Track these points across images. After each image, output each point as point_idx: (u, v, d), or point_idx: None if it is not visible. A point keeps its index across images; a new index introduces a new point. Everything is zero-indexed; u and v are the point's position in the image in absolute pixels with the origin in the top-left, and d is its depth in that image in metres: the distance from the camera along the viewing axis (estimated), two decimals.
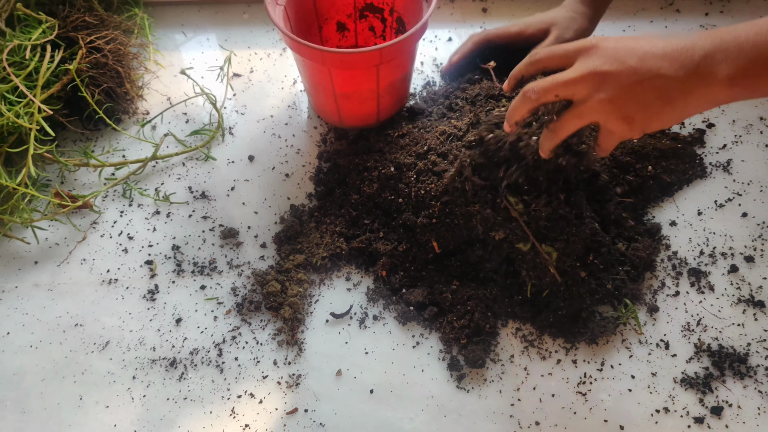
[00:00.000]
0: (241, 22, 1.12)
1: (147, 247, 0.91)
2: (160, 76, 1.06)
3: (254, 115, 1.02)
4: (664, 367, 0.82)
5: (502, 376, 0.82)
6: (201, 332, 0.85)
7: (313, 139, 1.00)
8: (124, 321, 0.86)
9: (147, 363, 0.83)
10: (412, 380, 0.82)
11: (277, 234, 0.91)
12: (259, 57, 1.08)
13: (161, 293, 0.88)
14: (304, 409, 0.80)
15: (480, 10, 1.13)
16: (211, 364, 0.83)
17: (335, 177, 0.94)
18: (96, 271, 0.90)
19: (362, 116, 0.96)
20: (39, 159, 0.95)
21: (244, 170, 0.97)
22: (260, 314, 0.86)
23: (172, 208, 0.94)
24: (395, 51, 0.84)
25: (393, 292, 0.87)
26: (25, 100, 0.88)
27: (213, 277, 0.89)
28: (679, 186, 0.94)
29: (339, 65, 0.85)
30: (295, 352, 0.84)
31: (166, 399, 0.81)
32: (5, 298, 0.88)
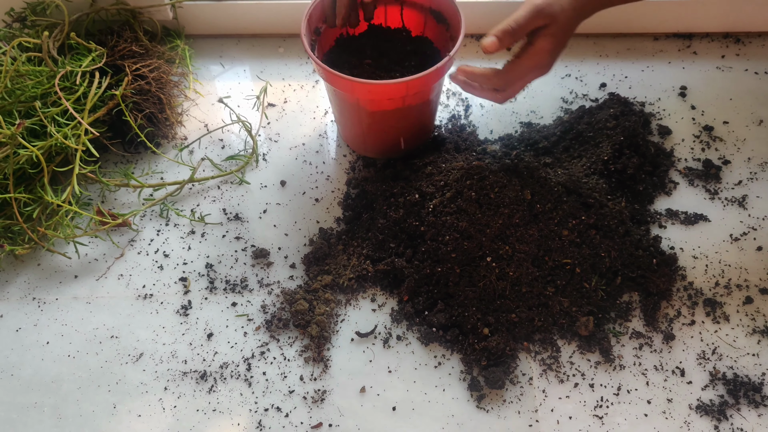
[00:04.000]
0: (277, 55, 1.18)
1: (182, 264, 0.95)
2: (199, 103, 1.12)
3: (287, 143, 1.07)
4: (680, 393, 0.84)
5: (520, 398, 0.84)
6: (231, 347, 0.89)
7: (342, 166, 1.04)
8: (158, 334, 0.90)
9: (178, 375, 0.87)
10: (434, 399, 0.84)
11: (306, 255, 0.95)
12: (292, 89, 1.14)
13: (194, 309, 0.92)
14: (328, 424, 0.83)
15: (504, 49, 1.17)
16: (240, 378, 0.86)
17: (363, 202, 0.99)
18: (132, 286, 0.94)
19: (389, 145, 1.01)
20: (83, 178, 1.00)
21: (275, 194, 1.02)
22: (288, 331, 0.90)
23: (206, 228, 0.99)
24: (421, 83, 0.89)
25: (416, 314, 0.90)
26: (73, 123, 0.94)
27: (244, 294, 0.93)
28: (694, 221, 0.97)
29: (367, 95, 0.90)
30: (321, 369, 0.87)
31: (195, 410, 0.84)
32: (46, 310, 0.92)
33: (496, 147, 1.04)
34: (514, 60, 0.83)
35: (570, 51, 1.16)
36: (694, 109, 1.09)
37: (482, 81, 0.84)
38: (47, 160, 0.95)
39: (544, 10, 0.80)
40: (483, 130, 1.07)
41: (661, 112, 1.08)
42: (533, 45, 0.82)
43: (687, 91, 1.11)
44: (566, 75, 1.13)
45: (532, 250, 0.89)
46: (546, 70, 0.84)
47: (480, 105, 1.10)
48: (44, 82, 0.97)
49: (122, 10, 1.09)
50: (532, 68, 0.83)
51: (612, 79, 1.12)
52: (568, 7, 0.80)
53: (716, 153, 1.04)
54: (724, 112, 1.08)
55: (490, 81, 0.84)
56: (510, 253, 0.88)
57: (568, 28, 0.82)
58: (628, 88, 1.11)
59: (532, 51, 0.82)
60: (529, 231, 0.89)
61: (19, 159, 0.91)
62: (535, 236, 0.89)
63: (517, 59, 0.83)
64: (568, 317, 0.89)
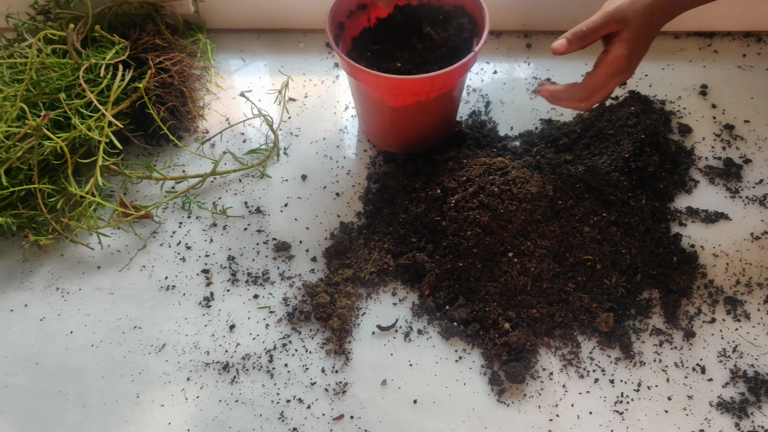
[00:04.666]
0: (297, 50, 1.19)
1: (204, 256, 0.96)
2: (220, 97, 1.13)
3: (307, 138, 1.08)
4: (701, 390, 0.84)
5: (541, 392, 0.85)
6: (253, 339, 0.89)
7: (362, 161, 1.05)
8: (180, 325, 0.91)
9: (201, 366, 0.87)
10: (454, 393, 0.85)
11: (327, 249, 0.96)
12: (313, 83, 1.14)
13: (216, 300, 0.92)
14: (350, 416, 0.83)
15: (524, 46, 1.18)
16: (262, 369, 0.87)
17: (383, 197, 0.99)
18: (155, 277, 0.95)
19: (410, 141, 1.01)
20: (105, 170, 1.01)
21: (296, 188, 1.02)
22: (310, 324, 0.90)
23: (228, 221, 0.99)
24: (446, 79, 0.90)
25: (437, 308, 0.90)
26: (96, 115, 0.94)
27: (266, 287, 0.93)
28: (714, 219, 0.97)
29: (391, 90, 0.91)
30: (342, 361, 0.87)
31: (218, 401, 0.85)
32: (70, 300, 0.93)
33: (517, 143, 1.04)
34: (593, 70, 0.84)
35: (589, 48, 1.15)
36: (714, 107, 1.09)
37: (565, 96, 0.85)
38: (71, 151, 0.95)
39: (615, 16, 0.81)
40: (503, 127, 1.08)
41: (681, 110, 1.08)
42: (609, 52, 0.82)
43: (707, 89, 1.11)
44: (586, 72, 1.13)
45: (554, 246, 0.89)
46: (626, 75, 0.84)
47: (500, 101, 1.11)
48: (68, 75, 0.97)
49: (144, 3, 1.10)
50: (612, 75, 0.83)
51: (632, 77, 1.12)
52: (642, 12, 0.81)
53: (737, 152, 1.04)
54: (745, 111, 1.08)
55: (573, 95, 0.85)
56: (531, 249, 0.89)
57: (643, 32, 0.82)
58: (648, 87, 1.11)
59: (609, 58, 0.82)
60: (551, 227, 0.89)
61: (44, 150, 0.92)
62: (556, 232, 0.89)
63: (595, 69, 0.84)
64: (588, 313, 0.89)
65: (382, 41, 1.01)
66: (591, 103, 0.86)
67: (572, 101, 0.86)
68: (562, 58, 1.15)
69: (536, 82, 1.12)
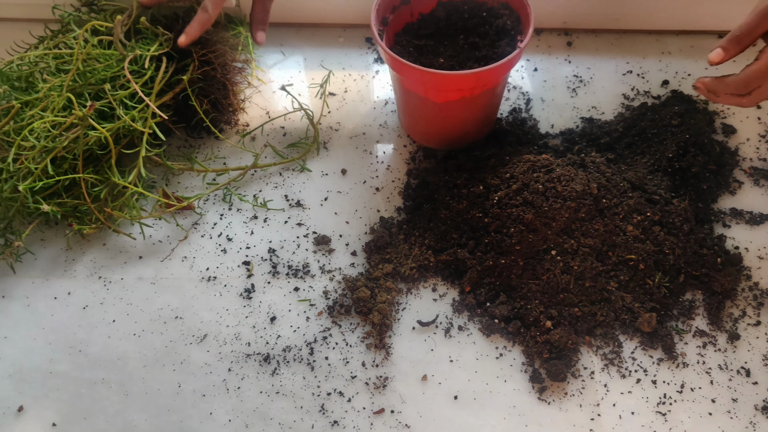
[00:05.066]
0: (337, 45, 1.19)
1: (245, 248, 0.97)
2: (261, 91, 1.13)
3: (347, 132, 1.08)
4: (745, 393, 0.83)
5: (582, 391, 0.84)
6: (294, 331, 0.90)
7: (402, 156, 1.05)
8: (222, 316, 0.91)
9: (242, 357, 0.88)
10: (495, 389, 0.85)
11: (367, 243, 0.96)
12: (353, 78, 1.14)
13: (257, 292, 0.93)
14: (390, 410, 0.84)
15: (565, 44, 1.17)
16: (303, 362, 0.87)
17: (424, 193, 0.99)
18: (196, 268, 0.95)
19: (452, 137, 1.01)
20: (148, 161, 1.01)
21: (336, 182, 1.03)
22: (350, 317, 0.90)
23: (268, 214, 1.00)
24: (491, 75, 0.89)
25: (478, 305, 0.90)
26: (140, 106, 0.95)
27: (306, 280, 0.94)
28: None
29: (435, 85, 0.91)
30: (382, 356, 0.87)
31: (259, 392, 0.85)
32: (112, 289, 0.94)
33: (557, 141, 1.04)
34: (752, 63, 0.81)
35: (631, 48, 1.15)
36: (759, 107, 1.08)
37: (722, 89, 0.83)
38: (115, 142, 0.95)
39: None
40: (544, 125, 1.07)
41: (725, 110, 1.07)
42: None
43: None
44: (627, 71, 1.13)
45: (597, 244, 0.89)
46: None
47: (540, 99, 1.10)
48: (113, 66, 0.98)
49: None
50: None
51: (675, 76, 1.11)
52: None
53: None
54: None
55: (730, 88, 0.82)
56: (575, 247, 0.88)
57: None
58: (691, 86, 1.10)
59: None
60: (594, 225, 0.89)
61: (89, 140, 0.93)
62: (600, 231, 0.89)
63: (756, 61, 0.81)
64: (630, 313, 0.88)
65: (424, 37, 1.01)
66: (754, 100, 0.82)
67: (730, 96, 0.83)
68: (603, 57, 1.14)
69: (577, 80, 1.12)
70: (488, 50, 0.98)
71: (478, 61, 0.97)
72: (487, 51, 0.98)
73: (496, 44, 0.98)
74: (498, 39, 0.99)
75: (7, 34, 1.09)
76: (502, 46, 0.97)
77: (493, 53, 0.97)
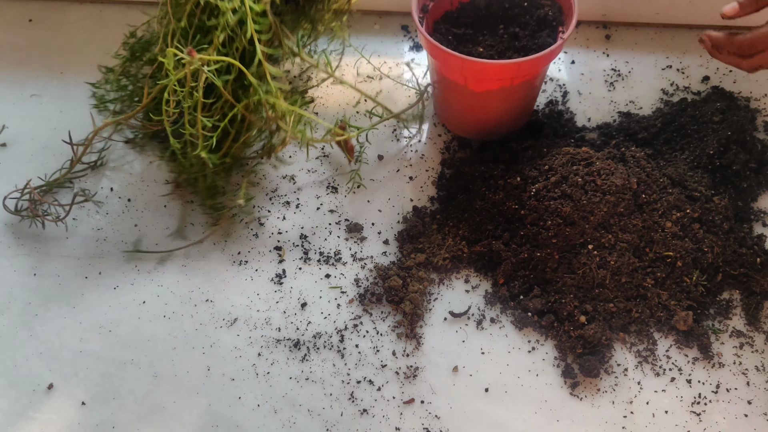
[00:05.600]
0: (372, 32, 1.18)
1: (276, 234, 0.96)
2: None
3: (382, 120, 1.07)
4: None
5: (615, 388, 0.83)
6: (324, 318, 0.89)
7: (436, 146, 1.04)
8: (252, 301, 0.91)
9: (272, 342, 0.87)
10: (527, 383, 0.84)
11: (399, 232, 0.95)
12: (388, 66, 1.13)
13: (288, 278, 0.92)
14: (420, 401, 0.83)
15: (603, 37, 1.15)
16: (333, 349, 0.87)
17: (458, 183, 0.98)
18: (227, 252, 0.95)
19: (489, 127, 1.00)
20: None
21: (369, 170, 1.02)
22: (381, 306, 0.90)
23: (301, 199, 0.99)
24: (532, 66, 0.88)
25: (511, 298, 0.89)
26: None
27: (337, 267, 0.93)
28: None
29: (476, 74, 0.90)
30: (413, 346, 0.87)
31: (288, 378, 0.85)
32: (142, 270, 0.94)
33: (594, 135, 1.02)
34: (763, 25, 0.79)
35: (671, 42, 1.13)
36: None
37: (727, 46, 0.82)
38: None
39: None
40: (580, 118, 1.06)
41: (767, 108, 1.05)
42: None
43: None
44: (667, 66, 1.11)
45: (634, 240, 0.87)
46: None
47: (578, 92, 1.08)
48: None
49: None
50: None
51: (716, 72, 1.09)
52: None
53: None
54: None
55: (734, 46, 0.82)
56: (612, 242, 0.87)
57: None
58: (732, 83, 1.08)
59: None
60: (633, 220, 0.87)
61: None
62: (638, 226, 0.87)
63: (766, 24, 0.79)
64: (666, 311, 0.87)
65: (464, 25, 1.00)
66: (755, 64, 0.81)
67: (732, 55, 0.82)
68: (642, 51, 1.12)
69: (615, 74, 1.10)
70: (528, 41, 0.96)
71: (518, 51, 0.95)
72: (527, 41, 0.96)
73: (536, 35, 0.97)
74: (539, 30, 0.97)
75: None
76: (542, 37, 0.96)
77: (533, 44, 0.96)
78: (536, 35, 0.97)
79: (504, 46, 0.97)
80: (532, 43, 0.96)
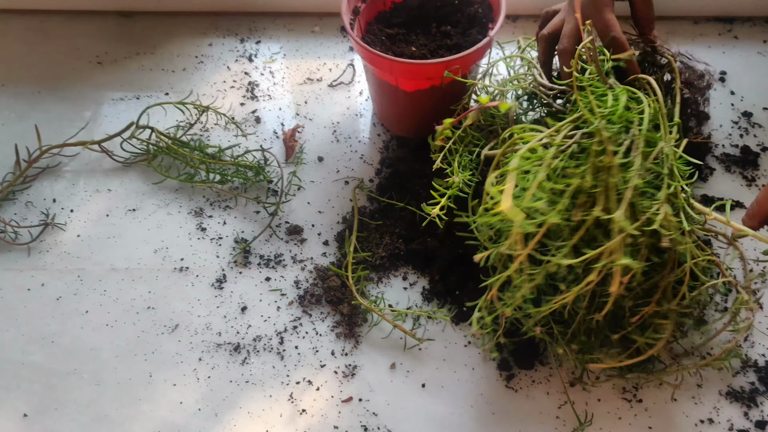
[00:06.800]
0: (312, 35, 1.19)
1: (217, 239, 0.97)
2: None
3: (322, 122, 1.08)
4: (710, 379, 0.84)
5: (550, 379, 0.85)
6: (264, 321, 0.90)
7: (376, 146, 1.05)
8: (193, 306, 0.92)
9: (213, 347, 0.88)
10: (463, 378, 0.85)
11: (339, 233, 0.96)
12: (328, 67, 1.14)
13: (228, 283, 0.93)
14: (358, 398, 0.84)
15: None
16: (273, 351, 0.88)
17: (396, 182, 0.99)
18: (169, 258, 0.96)
19: (424, 125, 1.00)
20: None
21: (310, 172, 1.03)
22: (321, 307, 0.91)
23: (241, 203, 1.00)
24: (461, 63, 0.89)
25: (447, 293, 0.91)
26: None
27: (277, 270, 0.94)
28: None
29: (405, 74, 0.91)
30: (352, 344, 0.88)
31: (229, 381, 0.86)
32: (86, 279, 0.94)
33: None
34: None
35: None
36: (733, 94, 1.07)
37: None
38: None
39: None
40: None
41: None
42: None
43: (726, 76, 1.10)
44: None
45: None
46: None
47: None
48: None
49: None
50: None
51: None
52: None
53: (755, 139, 1.02)
54: (764, 98, 1.07)
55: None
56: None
57: None
58: None
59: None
60: None
61: None
62: None
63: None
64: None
65: (396, 25, 1.01)
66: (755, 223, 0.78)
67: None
68: None
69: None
70: (459, 38, 0.98)
71: (450, 49, 0.97)
72: (458, 39, 0.98)
73: (467, 32, 0.98)
74: (469, 27, 0.99)
75: None
76: (473, 34, 0.97)
77: (464, 41, 0.97)
78: (467, 33, 0.98)
79: (436, 44, 0.98)
80: (463, 40, 0.97)
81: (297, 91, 1.11)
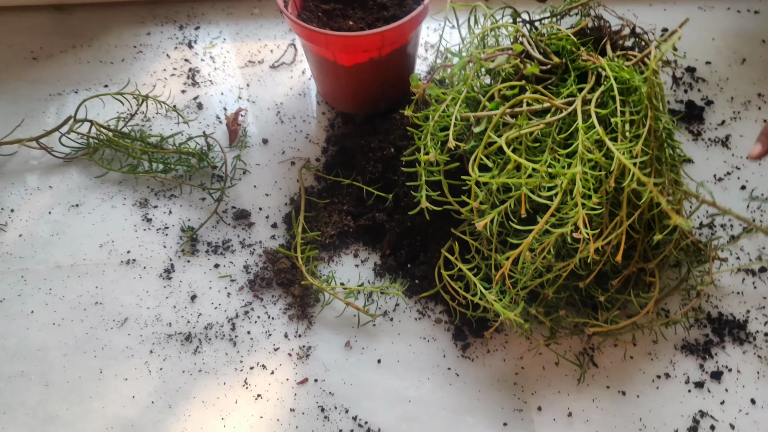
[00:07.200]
0: (252, 17, 1.16)
1: (163, 228, 0.95)
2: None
3: (265, 104, 1.06)
4: (665, 334, 0.84)
5: (506, 345, 0.84)
6: (215, 308, 0.88)
7: (321, 124, 1.03)
8: (142, 299, 0.90)
9: (164, 338, 0.87)
10: (419, 350, 0.85)
11: (287, 214, 0.95)
12: (269, 49, 1.12)
13: (177, 272, 0.91)
14: (314, 379, 0.83)
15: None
16: (225, 338, 0.86)
17: (343, 159, 0.98)
18: (115, 252, 0.93)
19: (367, 100, 1.00)
20: None
21: (255, 155, 1.01)
22: (272, 290, 0.89)
23: (185, 191, 0.98)
24: (397, 34, 0.88)
25: (399, 267, 0.90)
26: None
27: (226, 256, 0.92)
28: None
29: (342, 48, 0.89)
30: (305, 326, 0.87)
31: (181, 371, 0.84)
32: (30, 280, 0.92)
33: None
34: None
35: None
36: (675, 50, 1.07)
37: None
38: None
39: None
40: None
41: None
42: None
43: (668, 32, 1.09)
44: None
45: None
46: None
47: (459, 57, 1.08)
48: None
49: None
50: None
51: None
52: None
53: (699, 94, 1.02)
54: (706, 53, 1.07)
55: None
56: None
57: None
58: None
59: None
60: None
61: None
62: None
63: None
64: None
65: (333, 0, 0.99)
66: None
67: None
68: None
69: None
70: (396, 10, 0.96)
71: (387, 21, 0.95)
72: (395, 11, 0.96)
73: (404, 3, 0.97)
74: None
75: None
76: (409, 5, 0.96)
77: (401, 12, 0.96)
78: (404, 3, 0.97)
79: (374, 17, 0.96)
80: (399, 11, 0.96)
81: (239, 75, 1.09)
